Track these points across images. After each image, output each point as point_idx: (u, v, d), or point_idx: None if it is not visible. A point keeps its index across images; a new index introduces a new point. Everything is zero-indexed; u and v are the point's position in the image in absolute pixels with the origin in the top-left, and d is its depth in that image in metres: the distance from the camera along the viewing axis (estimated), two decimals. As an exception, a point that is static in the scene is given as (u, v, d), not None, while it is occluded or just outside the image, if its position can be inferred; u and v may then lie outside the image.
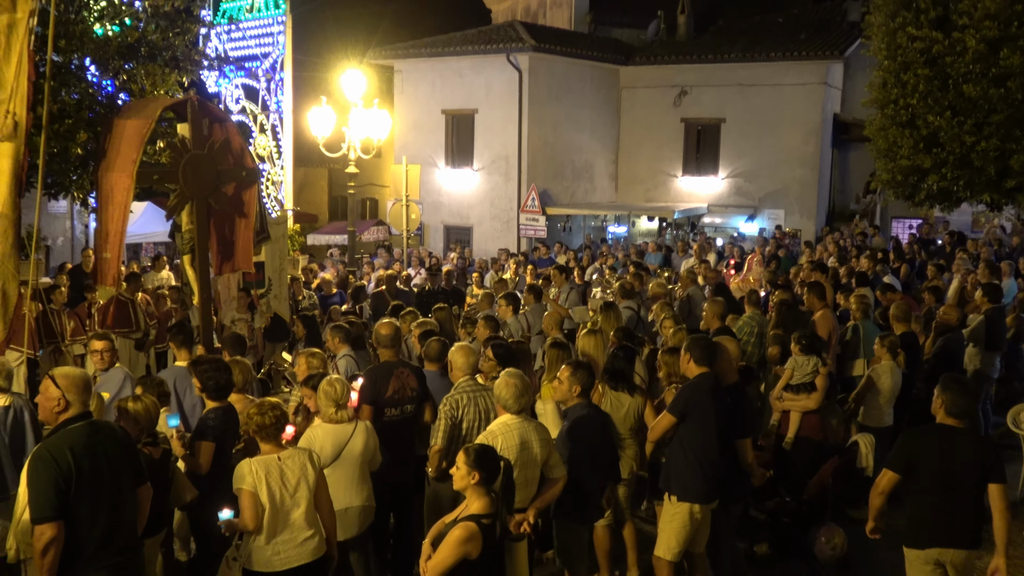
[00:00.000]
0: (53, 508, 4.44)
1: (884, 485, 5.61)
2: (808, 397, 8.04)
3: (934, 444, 5.52)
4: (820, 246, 19.53)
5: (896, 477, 5.53)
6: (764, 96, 25.99)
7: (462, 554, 4.52)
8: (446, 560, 4.53)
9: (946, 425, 5.48)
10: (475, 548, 4.53)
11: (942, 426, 5.51)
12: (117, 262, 8.47)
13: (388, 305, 11.56)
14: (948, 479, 5.39)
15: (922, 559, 5.57)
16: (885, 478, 5.59)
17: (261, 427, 5.23)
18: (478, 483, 4.64)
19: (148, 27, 14.67)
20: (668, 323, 9.27)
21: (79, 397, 4.72)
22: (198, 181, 8.64)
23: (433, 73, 27.70)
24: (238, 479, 5.20)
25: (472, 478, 4.63)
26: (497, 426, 5.61)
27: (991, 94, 15.61)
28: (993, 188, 16.60)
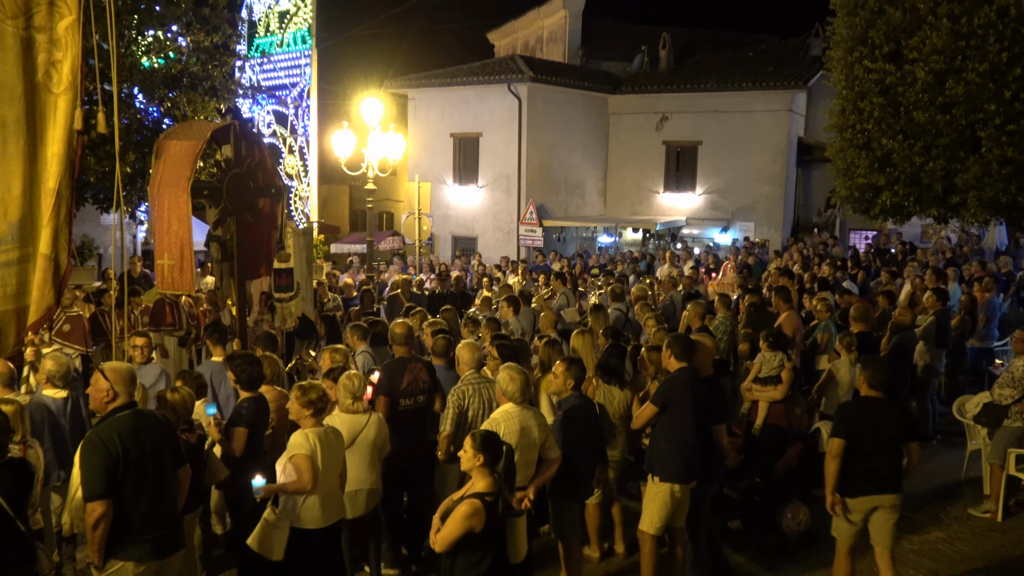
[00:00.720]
0: (103, 487, 4.44)
1: (835, 450, 5.84)
2: (775, 389, 8.04)
3: (864, 412, 5.95)
4: (786, 255, 19.52)
5: (843, 442, 5.81)
6: (736, 121, 26.02)
7: (468, 527, 4.52)
8: (453, 533, 4.54)
9: (870, 396, 5.92)
10: (479, 522, 4.53)
11: (867, 397, 5.96)
12: (190, 267, 8.41)
13: (403, 307, 11.53)
14: (876, 439, 5.82)
15: (858, 506, 5.87)
16: (835, 444, 5.86)
17: (311, 403, 5.41)
18: (482, 464, 4.65)
19: (190, 60, 14.72)
20: (651, 323, 9.29)
21: (125, 388, 4.72)
22: (238, 196, 8.64)
23: (442, 100, 27.73)
24: (295, 447, 5.33)
25: (477, 460, 4.65)
26: (500, 414, 5.62)
27: (938, 120, 15.61)
28: (940, 203, 16.60)
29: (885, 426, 5.83)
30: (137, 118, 13.90)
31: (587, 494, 6.48)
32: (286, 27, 25.56)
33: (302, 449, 5.32)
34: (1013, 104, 14.77)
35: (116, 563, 4.57)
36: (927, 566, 6.97)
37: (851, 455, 5.81)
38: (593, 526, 6.98)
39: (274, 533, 5.35)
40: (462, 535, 4.55)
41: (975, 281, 12.72)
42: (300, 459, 5.30)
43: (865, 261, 17.84)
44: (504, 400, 5.70)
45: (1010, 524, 7.77)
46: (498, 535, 4.73)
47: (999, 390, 8.04)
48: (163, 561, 4.74)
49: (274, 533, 5.35)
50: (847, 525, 5.95)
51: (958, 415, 9.07)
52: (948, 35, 15.23)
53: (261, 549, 5.35)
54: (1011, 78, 14.74)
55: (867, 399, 5.97)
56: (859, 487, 5.84)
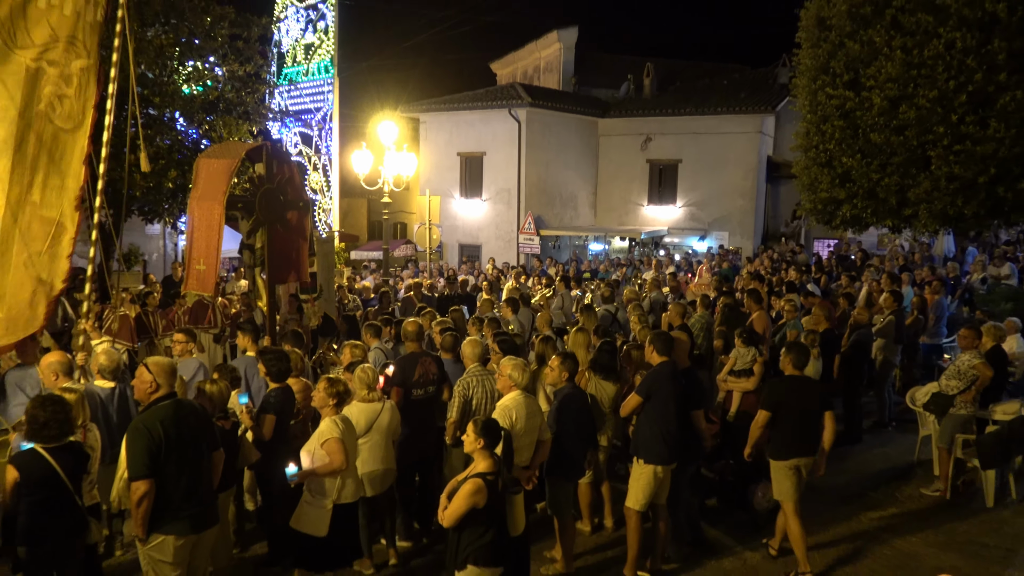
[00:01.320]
0: (146, 468, 4.47)
1: (761, 420, 6.33)
2: (748, 380, 8.08)
3: (790, 388, 6.33)
4: (757, 260, 19.52)
5: (768, 414, 6.27)
6: (712, 142, 26.03)
7: (472, 504, 4.54)
8: (459, 509, 4.56)
9: (794, 375, 6.33)
10: (482, 499, 4.55)
11: (791, 376, 6.35)
12: (214, 272, 8.43)
13: (416, 307, 11.54)
14: (801, 410, 6.22)
15: (786, 467, 6.24)
16: (762, 416, 6.33)
17: (336, 394, 5.49)
18: (483, 448, 4.69)
19: (226, 87, 14.75)
20: (635, 321, 9.32)
21: (167, 381, 4.75)
22: (270, 209, 8.65)
23: (450, 123, 27.75)
24: (327, 432, 5.39)
25: (478, 443, 4.69)
26: (510, 401, 5.68)
27: (892, 141, 15.61)
28: (894, 215, 16.58)
29: (807, 400, 6.22)
30: (178, 139, 13.91)
31: (580, 474, 6.51)
32: (311, 58, 25.60)
33: (334, 433, 5.36)
34: (959, 127, 14.76)
35: (158, 536, 4.59)
36: (882, 539, 6.97)
37: (782, 424, 6.26)
38: (585, 503, 7.00)
39: (318, 513, 5.38)
40: (467, 511, 4.56)
41: (926, 284, 12.73)
42: (333, 443, 5.33)
43: (827, 266, 17.85)
44: (510, 388, 5.73)
45: (957, 502, 7.79)
46: (499, 510, 4.73)
47: (946, 381, 8.06)
48: (200, 535, 4.76)
49: (318, 513, 5.38)
50: (789, 483, 6.22)
51: (911, 404, 9.08)
52: (901, 65, 15.23)
53: (307, 528, 5.37)
54: (957, 104, 14.74)
55: (792, 377, 6.34)
56: (789, 450, 6.23)
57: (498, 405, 5.78)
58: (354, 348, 7.32)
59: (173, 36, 13.47)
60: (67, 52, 6.60)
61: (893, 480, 8.46)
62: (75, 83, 6.67)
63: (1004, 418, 7.92)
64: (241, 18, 14.95)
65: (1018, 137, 14.46)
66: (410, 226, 28.60)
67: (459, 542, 4.70)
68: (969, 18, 14.65)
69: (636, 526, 6.12)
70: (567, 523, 6.31)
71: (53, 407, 4.67)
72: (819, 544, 6.83)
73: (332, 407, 5.49)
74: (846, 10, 16.36)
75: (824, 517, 7.41)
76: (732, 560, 6.58)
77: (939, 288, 12.05)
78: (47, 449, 4.62)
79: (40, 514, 4.59)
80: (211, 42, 14.25)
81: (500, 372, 5.84)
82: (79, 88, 6.70)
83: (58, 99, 6.61)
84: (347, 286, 15.58)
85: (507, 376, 5.74)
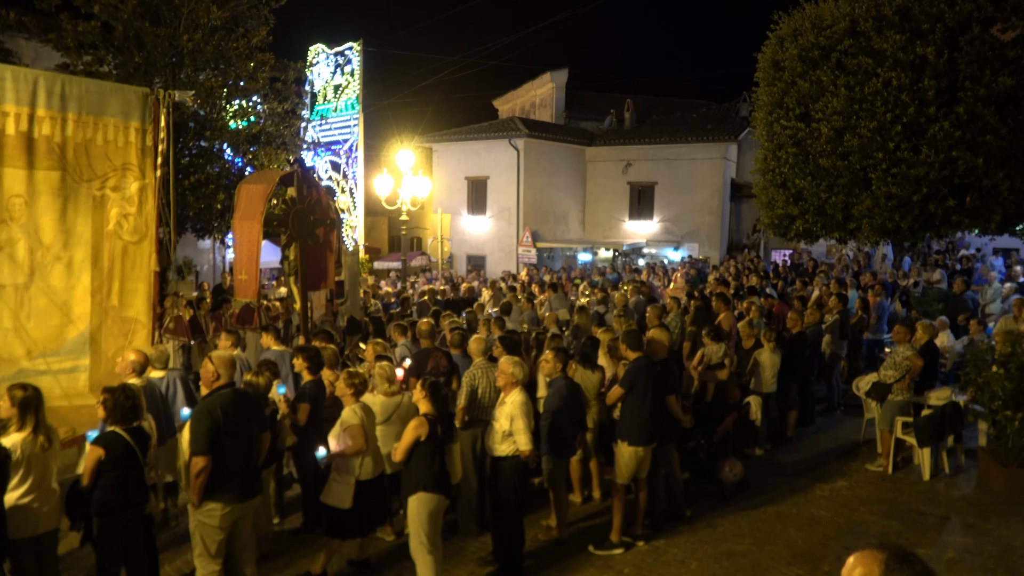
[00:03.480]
0: (206, 446, 4.49)
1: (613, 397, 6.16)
2: (720, 372, 8.00)
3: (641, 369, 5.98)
4: (723, 268, 19.48)
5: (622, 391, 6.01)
6: (684, 167, 26.01)
7: (416, 436, 4.93)
8: (407, 441, 4.96)
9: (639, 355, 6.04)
10: (424, 432, 4.92)
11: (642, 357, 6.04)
12: (255, 281, 8.42)
13: (429, 309, 11.51)
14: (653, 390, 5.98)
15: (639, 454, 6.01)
16: (615, 393, 6.08)
17: (354, 385, 5.45)
18: (426, 397, 5.03)
19: (266, 122, 14.75)
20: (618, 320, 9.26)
21: (227, 372, 4.77)
22: (301, 226, 8.63)
23: (459, 152, 27.75)
24: (348, 419, 5.38)
25: (423, 394, 5.07)
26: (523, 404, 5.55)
27: (838, 165, 15.61)
28: (840, 229, 16.57)
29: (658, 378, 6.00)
30: (225, 167, 13.91)
31: (571, 453, 6.46)
32: (339, 96, 25.59)
33: (354, 420, 5.34)
34: (896, 153, 14.77)
35: (208, 503, 4.58)
36: (833, 507, 6.93)
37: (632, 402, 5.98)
38: (575, 478, 6.95)
39: (343, 488, 5.36)
40: (413, 442, 4.92)
41: (869, 288, 12.70)
42: (355, 428, 5.30)
43: (783, 273, 17.82)
44: (512, 386, 5.61)
45: (897, 476, 7.74)
46: (440, 448, 5.04)
47: (884, 371, 8.03)
48: (244, 505, 4.74)
49: (343, 488, 5.36)
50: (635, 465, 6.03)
51: (856, 391, 9.04)
52: (845, 101, 15.24)
53: (335, 502, 5.36)
54: (894, 133, 14.75)
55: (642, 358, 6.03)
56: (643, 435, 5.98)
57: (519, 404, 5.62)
58: (376, 345, 7.30)
59: (222, 79, 13.46)
60: (125, 177, 6.85)
61: (841, 457, 8.41)
62: (136, 202, 6.91)
63: (937, 403, 7.88)
64: (279, 63, 14.96)
65: (946, 161, 14.46)
66: (425, 240, 28.59)
67: (409, 472, 5.03)
68: (903, 60, 14.67)
69: (620, 498, 6.08)
70: (561, 495, 6.27)
71: (131, 394, 4.76)
72: (779, 513, 6.79)
73: (351, 396, 5.45)
74: (797, 54, 16.38)
75: (782, 489, 7.37)
76: (703, 526, 6.54)
77: (880, 291, 12.02)
78: (125, 430, 4.66)
79: (115, 489, 4.61)
80: (254, 84, 14.25)
81: (501, 370, 5.70)
82: (140, 205, 6.93)
83: (124, 218, 6.88)
84: (372, 292, 15.55)
85: (509, 374, 5.63)
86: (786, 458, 8.39)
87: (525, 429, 5.45)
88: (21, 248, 6.33)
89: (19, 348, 6.33)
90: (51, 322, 6.53)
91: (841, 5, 15.98)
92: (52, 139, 6.38)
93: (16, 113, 6.16)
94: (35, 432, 4.46)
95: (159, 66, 12.72)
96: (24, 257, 6.35)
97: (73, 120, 6.49)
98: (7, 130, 6.13)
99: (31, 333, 6.40)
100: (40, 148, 6.33)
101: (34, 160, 6.31)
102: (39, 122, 6.30)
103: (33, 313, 6.41)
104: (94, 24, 12.08)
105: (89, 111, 6.59)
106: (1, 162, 6.14)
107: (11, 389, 4.52)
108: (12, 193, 6.24)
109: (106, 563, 4.70)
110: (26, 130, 6.23)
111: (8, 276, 6.27)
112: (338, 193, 25.13)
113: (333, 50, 25.69)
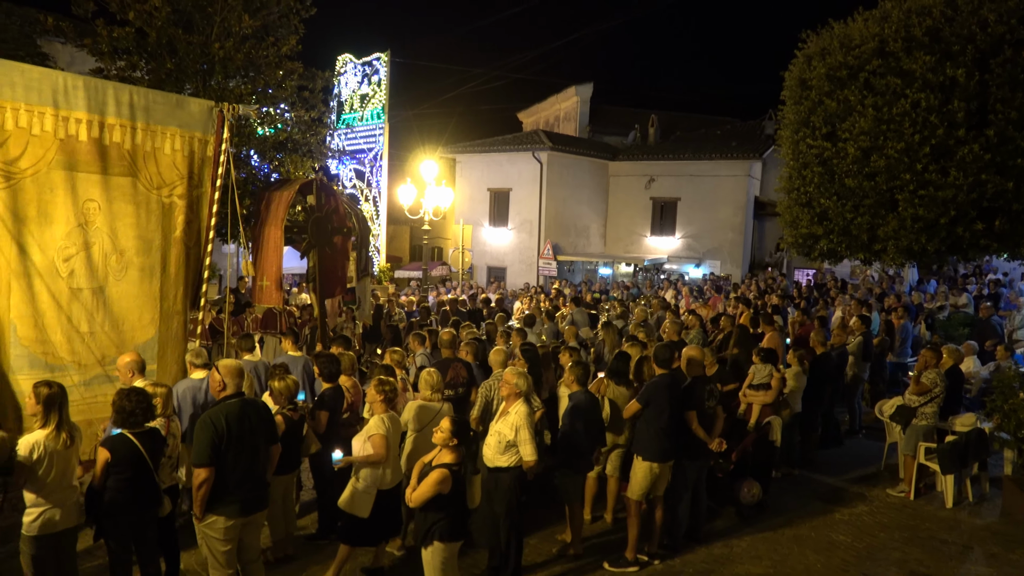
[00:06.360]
0: (208, 457, 4.47)
1: (630, 412, 6.13)
2: (765, 393, 7.88)
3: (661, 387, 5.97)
4: (743, 286, 19.31)
5: (639, 406, 6.00)
6: (707, 183, 25.90)
7: (437, 491, 4.57)
8: (425, 494, 4.57)
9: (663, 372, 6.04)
10: (447, 487, 4.56)
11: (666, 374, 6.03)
12: (275, 286, 8.52)
13: (450, 319, 11.52)
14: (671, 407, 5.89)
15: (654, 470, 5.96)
16: (631, 408, 6.09)
17: (384, 392, 5.42)
18: (455, 446, 4.66)
19: (293, 130, 14.91)
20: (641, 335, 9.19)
21: (233, 381, 4.74)
22: (320, 233, 8.71)
23: (482, 163, 27.84)
24: (373, 428, 5.35)
25: (452, 441, 4.66)
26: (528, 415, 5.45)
27: (864, 185, 15.44)
28: (865, 250, 16.36)
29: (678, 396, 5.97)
30: (252, 173, 14.08)
31: (588, 468, 6.42)
32: (365, 106, 25.85)
33: (379, 430, 5.30)
34: (923, 175, 14.58)
35: (211, 516, 4.57)
36: (853, 532, 6.82)
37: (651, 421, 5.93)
38: (589, 495, 6.87)
39: (364, 497, 5.33)
40: (433, 496, 4.56)
41: (892, 311, 12.53)
42: (378, 438, 5.27)
43: (806, 293, 17.64)
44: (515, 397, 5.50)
45: (919, 502, 7.62)
46: (460, 495, 4.73)
47: (910, 395, 7.90)
48: (248, 518, 4.71)
49: (364, 497, 5.33)
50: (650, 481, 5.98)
51: (879, 415, 8.92)
52: (872, 121, 15.09)
53: (351, 509, 5.33)
54: (921, 155, 14.57)
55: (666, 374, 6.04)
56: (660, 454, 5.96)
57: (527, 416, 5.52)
58: (393, 353, 7.31)
59: (251, 86, 13.65)
60: (188, 185, 7.07)
61: (862, 481, 8.28)
62: (195, 208, 7.13)
63: (962, 429, 7.75)
64: (307, 72, 15.14)
65: (975, 184, 14.25)
66: (446, 250, 28.69)
67: (425, 520, 4.70)
68: (932, 81, 14.52)
69: (635, 513, 6.03)
70: (576, 510, 6.23)
71: (137, 398, 4.70)
72: (798, 536, 6.69)
73: (381, 403, 5.42)
74: (824, 73, 16.26)
75: (801, 512, 7.27)
76: (720, 547, 6.46)
77: (903, 314, 11.86)
78: (133, 433, 4.64)
79: (124, 490, 4.59)
80: (282, 92, 14.43)
81: (504, 380, 5.60)
82: (198, 212, 7.16)
83: (188, 224, 7.09)
84: (396, 300, 15.59)
85: (512, 384, 5.53)
86: (805, 481, 8.27)
87: (530, 439, 5.35)
88: (96, 252, 6.46)
89: (96, 353, 6.43)
90: (124, 327, 6.66)
91: (870, 25, 15.85)
92: (122, 146, 6.55)
93: (88, 120, 6.31)
94: (58, 429, 4.51)
95: (190, 73, 12.93)
96: (99, 261, 6.48)
97: (141, 129, 6.67)
98: (80, 136, 6.28)
99: (107, 338, 6.52)
100: (112, 154, 6.49)
101: (107, 166, 6.46)
102: (109, 129, 6.45)
103: (108, 318, 6.53)
104: (128, 30, 12.32)
105: (156, 121, 6.78)
106: (75, 167, 6.28)
107: (36, 386, 4.58)
108: (86, 197, 6.37)
109: (118, 562, 4.73)
110: (98, 136, 6.38)
111: (85, 280, 6.38)
112: (361, 201, 25.34)
113: (360, 60, 25.99)
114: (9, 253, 5.95)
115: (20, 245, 6.00)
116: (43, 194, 6.12)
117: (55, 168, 6.17)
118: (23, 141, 5.99)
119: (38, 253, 6.10)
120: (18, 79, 5.96)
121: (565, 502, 6.22)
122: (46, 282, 6.14)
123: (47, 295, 6.14)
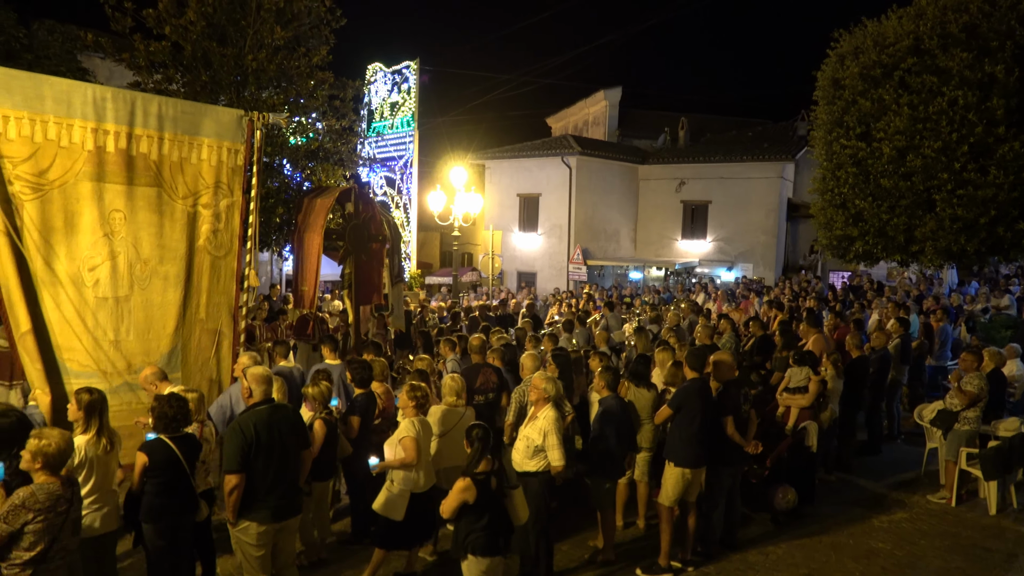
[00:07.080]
0: (238, 464, 4.52)
1: (661, 417, 6.11)
2: (803, 396, 7.73)
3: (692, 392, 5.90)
4: (777, 289, 19.05)
5: (670, 412, 5.95)
6: (738, 186, 25.63)
7: (462, 500, 4.43)
8: (451, 504, 4.46)
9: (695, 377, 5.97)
10: (471, 496, 4.42)
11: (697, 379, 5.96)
12: (313, 292, 8.63)
13: (480, 324, 11.55)
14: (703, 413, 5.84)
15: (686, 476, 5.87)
16: (663, 414, 6.05)
17: (416, 398, 5.49)
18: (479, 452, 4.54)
19: (324, 139, 15.08)
20: (673, 339, 9.13)
21: (260, 388, 4.78)
22: (357, 240, 8.80)
23: (511, 169, 27.91)
24: (405, 431, 5.40)
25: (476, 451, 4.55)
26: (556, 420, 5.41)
27: (900, 186, 15.17)
28: (902, 251, 16.08)
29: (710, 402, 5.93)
30: (285, 182, 14.25)
31: (620, 474, 6.37)
32: (395, 114, 26.11)
33: (410, 433, 5.36)
34: (962, 174, 14.28)
35: (244, 522, 4.61)
36: (893, 540, 6.67)
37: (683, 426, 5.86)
38: (620, 501, 6.81)
39: (399, 501, 5.37)
40: (459, 505, 4.46)
41: (931, 313, 12.26)
42: (409, 440, 5.33)
43: (842, 296, 17.33)
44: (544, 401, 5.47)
45: (960, 509, 7.42)
46: (492, 503, 4.52)
47: (951, 400, 7.71)
48: (281, 524, 4.73)
49: (399, 501, 5.37)
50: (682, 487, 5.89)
51: (918, 420, 8.71)
52: (908, 120, 14.83)
53: (386, 512, 5.37)
54: (960, 153, 14.27)
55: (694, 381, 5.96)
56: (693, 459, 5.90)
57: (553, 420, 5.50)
58: (419, 360, 7.38)
59: (283, 96, 13.85)
60: (216, 194, 7.15)
61: (902, 488, 8.09)
62: (224, 218, 7.21)
63: (1006, 434, 7.53)
64: (338, 81, 15.31)
65: (1016, 183, 13.92)
66: (476, 256, 28.76)
67: (458, 532, 4.59)
68: (970, 78, 14.21)
69: (667, 519, 5.98)
70: (609, 516, 6.19)
71: (178, 403, 4.78)
72: (835, 544, 6.57)
73: (412, 408, 5.47)
74: (858, 72, 16.02)
75: (838, 519, 7.13)
76: (755, 554, 6.36)
77: (943, 316, 11.59)
78: (171, 438, 4.72)
79: (161, 494, 4.65)
80: (313, 101, 14.62)
81: (533, 385, 5.57)
82: (227, 222, 7.23)
83: (213, 234, 7.17)
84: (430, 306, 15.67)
85: (541, 389, 5.50)
86: (843, 487, 8.12)
87: (558, 445, 5.31)
88: (122, 262, 6.59)
89: (121, 361, 6.56)
90: (148, 335, 6.79)
91: (904, 23, 15.57)
92: (149, 157, 6.67)
93: (116, 131, 6.45)
94: (99, 435, 4.61)
95: (224, 84, 13.17)
96: (124, 271, 6.61)
97: (169, 139, 6.78)
98: (108, 147, 6.42)
99: (131, 346, 6.66)
100: (138, 165, 6.61)
101: (133, 176, 6.59)
102: (137, 140, 6.58)
103: (133, 326, 6.66)
104: (164, 44, 12.60)
105: (184, 131, 6.88)
106: (103, 178, 6.42)
107: (78, 392, 4.68)
108: (113, 208, 6.51)
109: (156, 566, 4.79)
110: (125, 147, 6.51)
111: (110, 289, 6.52)
112: (393, 208, 25.57)
113: (390, 69, 26.26)
114: (36, 262, 6.09)
115: (47, 255, 6.13)
116: (70, 205, 6.25)
117: (82, 179, 6.30)
118: (51, 153, 6.12)
119: (65, 263, 6.23)
120: (47, 92, 6.10)
121: (597, 507, 6.18)
122: (73, 291, 6.26)
123: (73, 304, 6.25)
